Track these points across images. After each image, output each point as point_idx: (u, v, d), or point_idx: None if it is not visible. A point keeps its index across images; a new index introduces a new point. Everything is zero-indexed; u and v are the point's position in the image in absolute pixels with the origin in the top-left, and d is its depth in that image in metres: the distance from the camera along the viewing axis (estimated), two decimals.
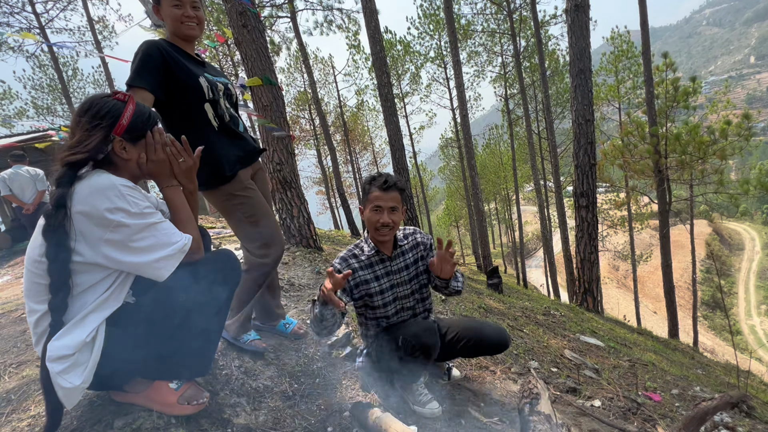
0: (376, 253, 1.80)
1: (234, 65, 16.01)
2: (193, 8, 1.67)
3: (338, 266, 1.77)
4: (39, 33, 13.94)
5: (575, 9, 6.35)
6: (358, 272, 1.76)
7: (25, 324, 2.41)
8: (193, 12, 1.67)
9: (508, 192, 25.86)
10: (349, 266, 1.78)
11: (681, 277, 28.77)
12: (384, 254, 1.80)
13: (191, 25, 1.68)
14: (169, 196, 1.24)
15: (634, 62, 15.76)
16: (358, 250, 1.83)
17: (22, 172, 5.62)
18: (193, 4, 1.67)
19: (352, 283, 1.76)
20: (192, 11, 1.67)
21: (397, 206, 1.72)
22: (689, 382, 3.25)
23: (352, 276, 1.73)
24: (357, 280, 1.76)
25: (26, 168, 5.72)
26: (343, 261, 1.81)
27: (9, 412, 1.31)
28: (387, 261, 1.81)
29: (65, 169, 1.03)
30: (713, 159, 8.11)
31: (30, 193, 5.65)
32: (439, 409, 1.70)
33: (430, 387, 1.87)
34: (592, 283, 6.91)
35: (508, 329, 3.24)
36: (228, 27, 4.98)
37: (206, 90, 1.67)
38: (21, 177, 5.57)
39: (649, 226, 22.38)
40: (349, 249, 1.86)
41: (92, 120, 1.07)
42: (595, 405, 1.99)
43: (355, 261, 1.79)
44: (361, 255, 1.80)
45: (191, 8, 1.67)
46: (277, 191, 4.40)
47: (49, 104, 18.58)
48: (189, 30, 1.69)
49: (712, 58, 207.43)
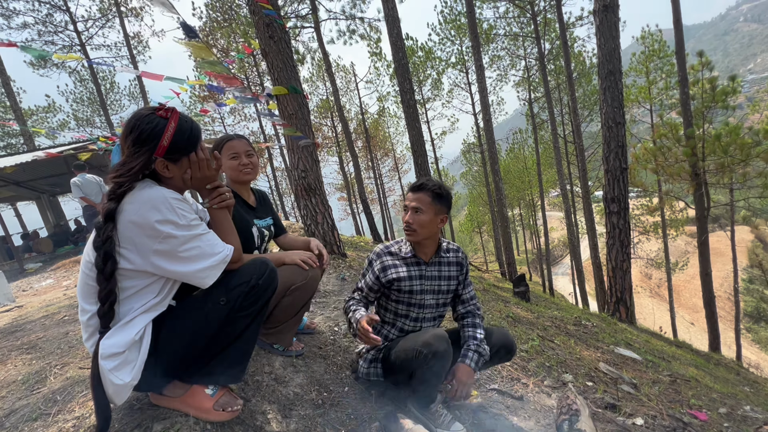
0: (413, 256, 1.77)
1: (259, 75, 16.51)
2: (248, 156, 1.89)
3: (374, 261, 1.79)
4: (80, 50, 14.85)
5: (604, 9, 6.17)
6: (391, 269, 1.75)
7: (68, 326, 2.52)
8: (248, 159, 1.89)
9: (532, 197, 25.26)
10: (382, 262, 1.77)
11: (720, 286, 27.15)
12: (420, 258, 1.78)
13: (248, 171, 1.89)
14: (212, 209, 1.29)
15: (666, 62, 15.18)
16: (395, 248, 1.81)
17: (89, 178, 6.39)
18: (247, 153, 1.90)
19: (383, 280, 1.74)
20: (247, 159, 1.89)
21: (420, 207, 1.68)
22: (737, 401, 3.04)
23: (383, 272, 1.75)
24: (389, 277, 1.74)
25: (90, 175, 6.48)
26: (377, 257, 1.80)
27: (55, 412, 1.36)
28: (423, 265, 1.78)
29: (115, 185, 1.08)
30: (756, 161, 7.64)
31: (98, 196, 6.45)
32: (464, 431, 1.63)
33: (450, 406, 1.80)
34: (625, 293, 6.62)
35: (537, 340, 3.13)
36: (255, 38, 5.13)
37: (256, 239, 1.88)
38: (90, 183, 6.35)
39: (685, 233, 21.30)
40: (386, 245, 1.84)
41: (135, 144, 1.12)
42: (637, 423, 1.88)
43: (389, 258, 1.78)
44: (398, 253, 1.79)
45: (246, 156, 1.89)
46: (302, 198, 4.46)
47: (88, 116, 19.72)
48: (246, 176, 1.90)
49: (750, 56, 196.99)
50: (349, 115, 21.62)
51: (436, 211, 1.69)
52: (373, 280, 1.77)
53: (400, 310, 1.80)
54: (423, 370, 1.52)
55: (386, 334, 1.83)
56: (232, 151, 1.89)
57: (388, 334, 1.83)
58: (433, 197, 1.68)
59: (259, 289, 1.26)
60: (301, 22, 12.88)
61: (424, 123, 20.94)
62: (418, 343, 1.52)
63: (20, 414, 1.38)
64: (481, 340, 1.72)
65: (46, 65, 15.64)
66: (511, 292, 6.29)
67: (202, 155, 1.22)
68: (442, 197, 1.70)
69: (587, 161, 14.99)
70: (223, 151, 1.89)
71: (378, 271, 1.76)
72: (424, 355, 1.48)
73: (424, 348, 1.49)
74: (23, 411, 1.39)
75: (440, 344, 1.50)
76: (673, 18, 8.29)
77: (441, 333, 1.55)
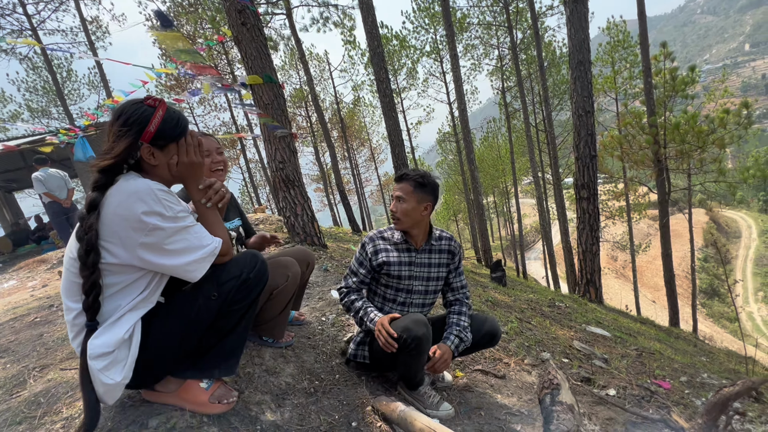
0: (404, 242, 1.82)
1: (229, 63, 15.91)
2: (219, 154, 1.88)
3: (367, 244, 1.83)
4: (31, 34, 13.80)
5: (574, 0, 6.33)
6: (382, 252, 1.80)
7: (41, 328, 2.42)
8: (220, 157, 1.88)
9: (506, 185, 25.90)
10: (375, 246, 1.82)
11: (679, 265, 28.97)
12: (411, 244, 1.82)
13: (219, 169, 1.87)
14: (198, 200, 1.26)
15: (631, 52, 15.75)
16: (388, 233, 1.86)
17: (53, 173, 6.09)
18: (218, 150, 1.89)
19: (374, 263, 1.79)
20: (219, 156, 1.87)
21: (403, 196, 1.73)
22: (696, 369, 3.30)
23: (375, 255, 1.80)
24: (380, 260, 1.79)
25: (53, 169, 6.17)
26: (370, 241, 1.84)
27: (41, 414, 1.32)
28: (414, 252, 1.83)
29: (99, 174, 1.05)
30: (712, 148, 8.15)
31: (62, 190, 6.15)
32: (452, 410, 1.70)
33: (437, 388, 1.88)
34: (594, 274, 6.96)
35: (516, 322, 3.27)
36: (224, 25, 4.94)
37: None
38: (53, 177, 6.06)
39: (647, 216, 22.50)
40: (379, 230, 1.89)
41: (121, 128, 1.09)
42: (610, 394, 2.03)
43: (382, 242, 1.83)
44: (390, 238, 1.84)
45: (217, 154, 1.87)
46: (281, 190, 4.40)
47: (44, 106, 18.43)
48: (219, 174, 1.88)
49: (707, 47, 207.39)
50: (324, 104, 21.28)
51: (419, 200, 1.74)
52: (367, 262, 1.82)
53: (388, 295, 1.84)
54: (404, 354, 1.57)
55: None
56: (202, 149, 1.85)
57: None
58: (415, 186, 1.73)
59: (251, 282, 1.26)
60: (272, 8, 12.48)
61: (400, 112, 20.92)
62: (398, 328, 1.55)
63: (2, 418, 1.33)
64: (464, 327, 1.79)
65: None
66: (489, 278, 6.49)
67: (190, 140, 1.19)
68: (425, 186, 1.75)
69: (558, 149, 15.47)
70: None
71: (370, 253, 1.81)
72: (403, 340, 1.52)
73: (403, 333, 1.52)
74: (5, 415, 1.35)
75: (419, 329, 1.53)
76: (638, 9, 8.61)
77: (420, 317, 1.59)
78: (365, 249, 1.83)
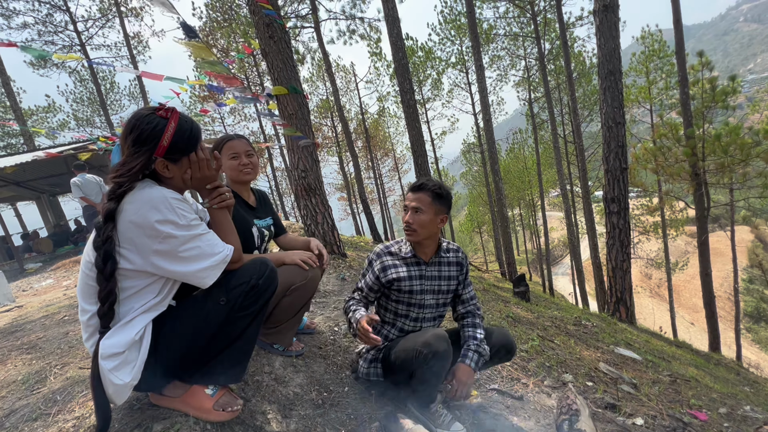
0: (413, 256, 1.77)
1: (260, 75, 16.50)
2: (248, 156, 1.89)
3: (374, 261, 1.79)
4: (80, 50, 14.85)
5: (604, 9, 6.17)
6: (391, 269, 1.75)
7: (68, 326, 2.52)
8: (248, 159, 1.89)
9: (532, 197, 25.26)
10: (382, 262, 1.77)
11: (720, 286, 27.14)
12: (420, 258, 1.77)
13: (248, 171, 1.89)
14: (212, 209, 1.29)
15: (666, 62, 15.18)
16: (395, 248, 1.81)
17: (90, 178, 6.43)
18: (247, 152, 1.90)
19: (383, 280, 1.74)
20: (247, 159, 1.89)
21: (420, 207, 1.68)
22: (737, 401, 3.04)
23: (383, 272, 1.74)
24: (389, 277, 1.74)
25: (90, 175, 6.52)
26: (377, 257, 1.80)
27: (55, 412, 1.36)
28: (423, 265, 1.78)
29: (115, 186, 1.08)
30: (756, 161, 7.64)
31: (98, 195, 6.50)
32: (464, 431, 1.62)
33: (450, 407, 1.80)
34: (625, 293, 6.62)
35: (537, 340, 3.13)
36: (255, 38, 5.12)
37: (257, 239, 1.88)
38: (90, 182, 6.41)
39: (685, 233, 21.31)
40: (386, 245, 1.84)
41: (134, 144, 1.12)
42: (637, 423, 1.88)
43: (389, 258, 1.78)
44: (398, 253, 1.79)
45: (246, 156, 1.88)
46: (302, 198, 4.46)
47: (88, 116, 19.71)
48: (246, 176, 1.90)
49: (751, 56, 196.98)
50: (349, 115, 21.61)
51: (436, 211, 1.69)
52: (373, 280, 1.77)
53: (400, 310, 1.80)
54: (423, 370, 1.51)
55: (386, 334, 1.83)
56: (232, 151, 1.89)
57: (388, 334, 1.83)
58: (433, 197, 1.68)
59: (259, 289, 1.26)
60: (301, 22, 12.88)
61: (424, 123, 20.94)
62: (418, 343, 1.51)
63: (20, 414, 1.38)
64: (481, 340, 1.72)
65: (46, 65, 15.65)
66: (511, 292, 6.29)
67: (202, 155, 1.22)
68: (442, 197, 1.70)
69: (587, 161, 14.99)
70: (223, 151, 1.89)
71: (378, 271, 1.76)
72: (424, 355, 1.48)
73: (424, 348, 1.48)
74: (23, 411, 1.39)
75: (440, 344, 1.49)
76: (673, 18, 8.29)
77: (441, 333, 1.54)
78: (372, 266, 1.80)
